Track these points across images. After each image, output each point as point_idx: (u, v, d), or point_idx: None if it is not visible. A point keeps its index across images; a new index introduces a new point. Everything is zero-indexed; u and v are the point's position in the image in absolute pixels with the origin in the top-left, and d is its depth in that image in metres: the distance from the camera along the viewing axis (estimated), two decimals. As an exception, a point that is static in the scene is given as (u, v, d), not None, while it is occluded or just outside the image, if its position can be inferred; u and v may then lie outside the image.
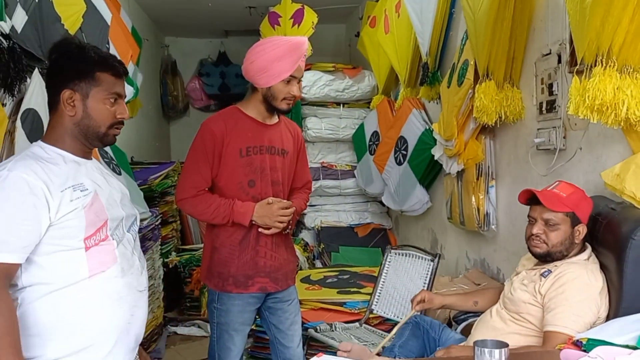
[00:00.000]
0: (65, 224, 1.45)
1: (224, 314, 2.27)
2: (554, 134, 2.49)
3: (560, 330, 1.79)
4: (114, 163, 3.55)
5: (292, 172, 2.37)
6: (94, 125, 1.55)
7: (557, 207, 1.94)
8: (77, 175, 1.52)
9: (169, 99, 7.10)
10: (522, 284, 2.01)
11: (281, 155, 2.30)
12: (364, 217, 5.27)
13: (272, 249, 2.28)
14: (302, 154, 2.44)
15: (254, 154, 2.23)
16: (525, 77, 2.76)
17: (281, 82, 2.18)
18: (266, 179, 2.25)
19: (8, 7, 2.27)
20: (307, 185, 2.49)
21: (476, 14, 2.79)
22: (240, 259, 2.25)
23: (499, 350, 1.35)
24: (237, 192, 2.23)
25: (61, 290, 1.46)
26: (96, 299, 1.51)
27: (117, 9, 4.30)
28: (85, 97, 1.53)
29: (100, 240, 1.51)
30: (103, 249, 1.52)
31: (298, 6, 5.01)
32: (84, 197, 1.49)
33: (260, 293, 2.29)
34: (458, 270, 3.64)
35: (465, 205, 3.24)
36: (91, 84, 1.53)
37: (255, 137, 2.24)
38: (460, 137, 3.13)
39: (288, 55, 2.17)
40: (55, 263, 1.45)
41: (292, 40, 2.20)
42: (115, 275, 1.54)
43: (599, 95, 1.87)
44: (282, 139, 2.32)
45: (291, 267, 2.40)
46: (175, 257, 4.41)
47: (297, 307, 2.44)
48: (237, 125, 2.24)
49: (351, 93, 5.13)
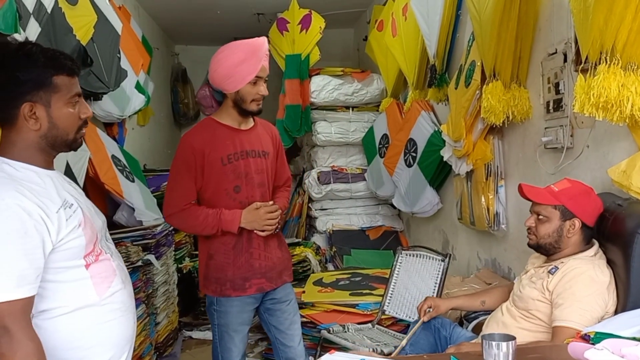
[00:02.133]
0: (67, 245, 1.39)
1: (223, 315, 2.31)
2: (561, 132, 2.50)
3: (568, 325, 1.81)
4: (127, 170, 3.61)
5: (273, 172, 2.41)
6: (61, 134, 1.45)
7: (544, 200, 2.00)
8: (59, 192, 1.43)
9: (180, 106, 7.17)
10: (531, 281, 2.03)
11: (263, 157, 2.33)
12: (375, 219, 5.29)
13: (265, 249, 2.32)
14: (281, 153, 2.47)
15: (235, 160, 2.26)
16: (531, 76, 2.78)
17: (248, 84, 2.22)
18: (251, 183, 2.28)
19: (22, 19, 2.32)
20: (287, 183, 2.52)
21: (482, 15, 2.81)
22: (236, 263, 2.28)
23: (506, 343, 1.37)
24: (224, 199, 2.26)
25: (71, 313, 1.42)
26: (107, 317, 1.48)
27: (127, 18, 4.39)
28: (47, 106, 1.41)
29: (98, 255, 1.48)
30: (103, 264, 1.49)
31: (306, 12, 5.06)
32: (74, 213, 1.42)
33: (259, 294, 2.33)
34: (469, 270, 3.65)
35: (475, 206, 3.26)
36: (50, 91, 1.41)
37: (235, 143, 2.27)
38: (468, 138, 3.14)
39: (250, 57, 2.20)
40: (60, 288, 1.40)
41: (251, 43, 2.24)
42: (119, 288, 1.52)
43: (603, 92, 1.89)
44: (261, 141, 2.35)
45: (285, 265, 2.43)
46: (189, 262, 4.46)
47: (294, 306, 2.47)
48: (214, 135, 2.27)
49: (360, 97, 5.15)
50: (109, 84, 3.33)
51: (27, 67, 1.39)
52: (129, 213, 3.37)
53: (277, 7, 5.36)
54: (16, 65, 1.39)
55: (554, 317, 1.88)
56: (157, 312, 3.45)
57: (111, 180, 3.25)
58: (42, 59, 1.41)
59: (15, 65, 1.39)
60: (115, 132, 4.04)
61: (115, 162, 3.44)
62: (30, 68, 1.39)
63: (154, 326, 3.38)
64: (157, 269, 3.39)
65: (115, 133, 4.02)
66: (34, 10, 2.42)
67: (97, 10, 3.18)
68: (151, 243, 3.29)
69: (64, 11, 2.74)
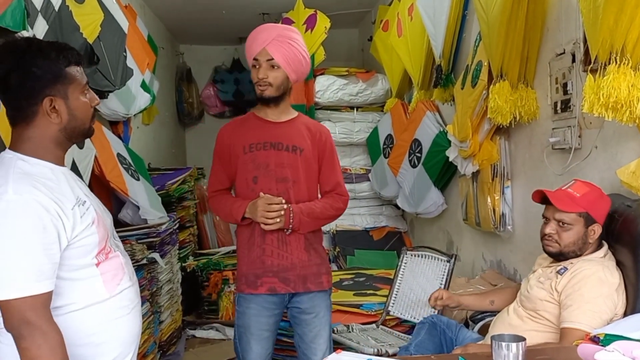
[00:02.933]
0: (81, 242, 1.40)
1: (241, 316, 2.28)
2: (569, 133, 2.49)
3: (576, 326, 1.80)
4: (132, 169, 3.61)
5: (311, 172, 2.31)
6: (80, 124, 1.47)
7: (569, 208, 1.95)
8: (72, 189, 1.44)
9: (185, 106, 7.17)
10: (539, 281, 2.02)
11: (292, 151, 2.26)
12: (379, 220, 5.27)
13: (278, 247, 2.24)
14: (329, 156, 2.35)
15: (257, 150, 2.24)
16: (539, 77, 2.77)
17: (252, 68, 2.25)
18: (270, 175, 2.23)
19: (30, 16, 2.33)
20: (336, 190, 2.37)
21: (489, 15, 2.80)
22: (249, 257, 2.26)
23: (516, 344, 1.36)
24: (245, 189, 2.26)
25: (82, 310, 1.42)
26: (116, 314, 1.48)
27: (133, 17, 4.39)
28: (65, 98, 1.43)
29: (108, 252, 1.48)
30: (112, 262, 1.49)
31: (311, 12, 5.06)
32: (87, 211, 1.43)
33: (272, 294, 2.24)
34: (474, 271, 3.64)
35: (481, 206, 3.25)
36: (67, 83, 1.42)
37: (260, 134, 2.26)
38: (474, 138, 3.13)
39: (253, 40, 2.24)
40: (72, 286, 1.41)
41: (262, 25, 2.31)
42: (128, 285, 1.52)
43: (613, 93, 1.88)
44: (293, 136, 2.28)
45: (312, 270, 2.28)
46: (193, 261, 4.46)
47: (323, 321, 2.32)
48: (244, 125, 2.30)
49: (365, 97, 5.14)
50: (115, 82, 3.33)
51: (41, 62, 1.39)
52: (133, 211, 3.36)
53: (283, 7, 5.36)
54: (30, 62, 1.39)
55: (562, 318, 1.87)
56: (161, 310, 3.45)
57: (116, 179, 3.25)
58: (53, 52, 1.41)
59: (30, 62, 1.39)
60: (121, 131, 4.04)
61: (121, 161, 3.44)
62: (45, 62, 1.39)
63: (158, 324, 3.38)
64: (161, 267, 3.38)
65: (120, 131, 4.02)
66: (41, 8, 2.42)
67: (103, 8, 3.18)
68: (156, 241, 3.29)
69: (71, 9, 2.74)
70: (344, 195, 2.39)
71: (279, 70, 2.21)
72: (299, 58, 2.25)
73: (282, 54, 2.20)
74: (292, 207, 2.21)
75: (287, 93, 2.29)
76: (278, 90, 2.24)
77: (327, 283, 2.34)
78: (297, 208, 2.22)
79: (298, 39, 2.27)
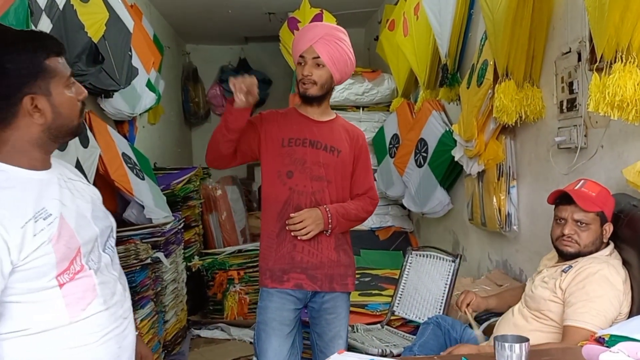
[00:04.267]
0: (32, 263, 1.19)
1: (263, 311, 2.23)
2: (575, 132, 2.47)
3: (580, 325, 1.78)
4: (137, 168, 3.61)
5: (346, 174, 2.28)
6: (66, 122, 1.30)
7: (590, 207, 1.95)
8: (38, 198, 1.23)
9: (191, 105, 7.18)
10: (543, 281, 2.00)
11: (329, 152, 2.24)
12: (385, 220, 5.26)
13: (309, 243, 2.20)
14: (364, 160, 2.35)
15: (295, 145, 2.21)
16: (545, 75, 2.75)
17: (297, 65, 2.23)
18: (306, 172, 2.20)
19: (34, 15, 2.33)
20: (368, 193, 2.35)
21: (495, 13, 2.78)
22: (278, 252, 2.20)
23: (519, 345, 1.35)
24: (275, 181, 2.22)
25: (38, 334, 1.23)
26: (80, 341, 1.28)
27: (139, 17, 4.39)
28: (48, 95, 1.25)
29: (75, 272, 1.27)
30: (80, 283, 1.28)
31: (317, 11, 5.05)
32: (48, 226, 1.22)
33: (297, 290, 2.21)
34: (480, 271, 3.62)
35: (487, 206, 3.23)
36: (47, 77, 1.25)
37: (300, 129, 2.24)
38: (480, 138, 3.11)
39: (301, 37, 2.23)
40: (26, 309, 1.22)
41: (313, 23, 2.29)
42: (98, 310, 1.31)
43: (619, 91, 1.86)
44: (333, 137, 2.27)
45: (339, 271, 2.26)
46: (198, 260, 4.46)
47: (344, 322, 2.31)
48: (285, 117, 2.28)
49: (371, 96, 5.13)
50: (120, 82, 3.34)
51: (15, 56, 1.22)
52: (138, 211, 3.37)
53: (288, 6, 5.35)
54: (3, 57, 1.21)
55: (565, 315, 1.85)
56: (166, 310, 3.45)
57: (121, 178, 3.25)
58: (28, 44, 1.24)
59: (2, 57, 1.21)
60: (126, 130, 4.05)
61: (126, 160, 3.44)
62: (19, 56, 1.22)
63: (163, 324, 3.38)
64: (166, 267, 3.39)
65: (126, 131, 4.03)
66: (45, 7, 2.43)
67: (108, 7, 3.18)
68: (160, 241, 3.29)
69: (76, 8, 2.74)
70: (375, 199, 2.38)
71: (323, 68, 2.20)
72: (344, 58, 2.24)
73: (329, 53, 2.18)
74: (329, 208, 2.19)
75: (329, 93, 2.29)
76: (322, 89, 2.22)
77: (351, 285, 2.32)
78: (334, 210, 2.20)
79: (346, 39, 2.26)
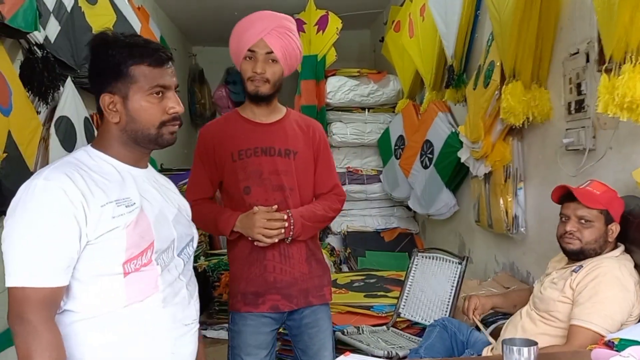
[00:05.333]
0: (104, 244, 1.26)
1: (237, 335, 2.06)
2: (583, 133, 2.46)
3: (586, 325, 1.77)
4: (144, 169, 3.62)
5: (307, 175, 2.08)
6: (141, 128, 1.35)
7: (592, 204, 1.94)
8: (124, 187, 1.33)
9: (197, 107, 7.18)
10: (552, 282, 1.99)
11: (284, 156, 2.02)
12: (390, 221, 5.25)
13: (281, 261, 2.02)
14: (324, 155, 2.12)
15: (247, 157, 2.00)
16: (552, 77, 2.73)
17: (244, 60, 1.97)
18: (265, 185, 1.99)
19: (42, 17, 2.34)
20: (334, 190, 2.14)
21: (502, 14, 2.77)
22: (249, 274, 2.03)
23: (528, 349, 1.34)
24: (234, 199, 2.04)
25: (90, 320, 1.27)
26: (130, 332, 1.30)
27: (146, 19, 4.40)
28: (124, 98, 1.33)
29: (142, 265, 1.30)
30: (144, 276, 1.31)
31: (322, 12, 5.06)
32: (128, 213, 1.29)
33: (274, 312, 2.04)
34: (487, 274, 3.60)
35: (493, 208, 3.21)
36: (128, 82, 1.32)
37: (249, 138, 2.01)
38: (487, 139, 3.10)
39: (248, 28, 1.96)
40: (88, 290, 1.27)
41: (258, 13, 1.99)
42: (156, 305, 1.32)
43: (628, 92, 1.84)
44: (286, 138, 2.04)
45: (314, 283, 2.08)
46: (204, 261, 4.46)
47: (327, 333, 2.13)
48: (229, 128, 2.05)
49: (376, 98, 5.13)
50: (126, 83, 3.34)
51: (105, 56, 1.33)
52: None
53: (294, 8, 5.34)
54: (97, 56, 1.35)
55: (572, 314, 1.84)
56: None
57: (128, 179, 3.26)
58: (121, 48, 1.33)
59: (97, 56, 1.35)
60: (132, 131, 4.05)
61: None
62: (109, 57, 1.33)
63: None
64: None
65: (132, 132, 4.04)
66: (54, 9, 2.44)
67: (116, 10, 3.20)
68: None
69: (84, 10, 2.76)
70: (341, 195, 2.16)
71: (277, 65, 1.97)
72: (295, 53, 2.01)
73: (282, 47, 1.96)
74: (292, 213, 1.98)
75: (279, 90, 2.05)
76: (274, 87, 2.00)
77: (329, 295, 2.15)
78: (298, 213, 1.99)
79: (295, 30, 2.03)
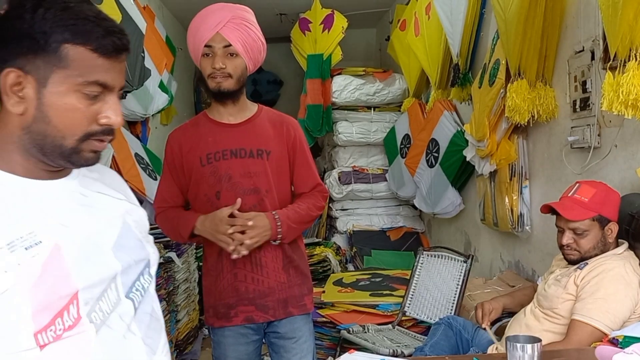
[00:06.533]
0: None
1: (217, 346, 1.97)
2: (588, 131, 2.45)
3: (587, 321, 1.77)
4: (150, 169, 3.64)
5: (283, 176, 1.95)
6: (53, 134, 0.90)
7: (580, 216, 1.92)
8: (25, 219, 0.86)
9: (203, 106, 7.20)
10: (556, 279, 1.99)
11: (257, 157, 1.89)
12: (396, 220, 5.26)
13: (253, 270, 1.89)
14: (300, 153, 1.97)
15: (215, 160, 1.88)
16: (557, 75, 2.73)
17: (203, 57, 1.86)
18: (235, 188, 1.87)
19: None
20: (316, 189, 2.01)
21: (507, 13, 2.77)
22: (218, 286, 1.91)
23: (531, 345, 1.34)
24: (205, 205, 1.89)
25: None
26: None
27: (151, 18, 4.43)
28: (40, 84, 0.89)
29: (65, 329, 0.85)
30: (71, 343, 0.86)
31: (328, 11, 5.07)
32: (30, 259, 0.83)
33: (250, 324, 1.92)
34: (492, 272, 3.60)
35: (499, 206, 3.21)
36: (53, 63, 0.88)
37: (217, 141, 1.89)
38: (492, 138, 3.10)
39: (202, 23, 1.85)
40: None
41: (210, 6, 1.87)
42: None
43: (633, 90, 1.84)
44: (257, 137, 1.91)
45: (293, 293, 1.94)
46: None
47: (306, 346, 1.97)
48: (197, 131, 1.94)
49: (382, 96, 5.13)
50: (132, 83, 3.36)
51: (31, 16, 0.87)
52: (150, 210, 3.38)
53: (300, 7, 5.37)
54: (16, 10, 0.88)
55: (574, 309, 1.84)
56: (178, 309, 3.47)
57: (134, 178, 3.28)
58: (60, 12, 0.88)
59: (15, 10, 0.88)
60: (139, 131, 4.08)
61: (138, 160, 3.47)
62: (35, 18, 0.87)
63: (175, 324, 3.40)
64: (178, 266, 3.40)
65: (138, 132, 4.06)
66: (59, 9, 2.45)
67: (121, 9, 3.21)
68: (172, 241, 3.31)
69: (89, 10, 2.76)
70: (324, 192, 2.04)
71: (237, 58, 1.84)
72: (257, 45, 1.88)
73: (240, 39, 1.83)
74: (278, 214, 1.86)
75: (245, 86, 1.93)
76: (238, 82, 1.87)
77: (310, 305, 2.00)
78: (284, 215, 1.87)
79: (254, 20, 1.90)
